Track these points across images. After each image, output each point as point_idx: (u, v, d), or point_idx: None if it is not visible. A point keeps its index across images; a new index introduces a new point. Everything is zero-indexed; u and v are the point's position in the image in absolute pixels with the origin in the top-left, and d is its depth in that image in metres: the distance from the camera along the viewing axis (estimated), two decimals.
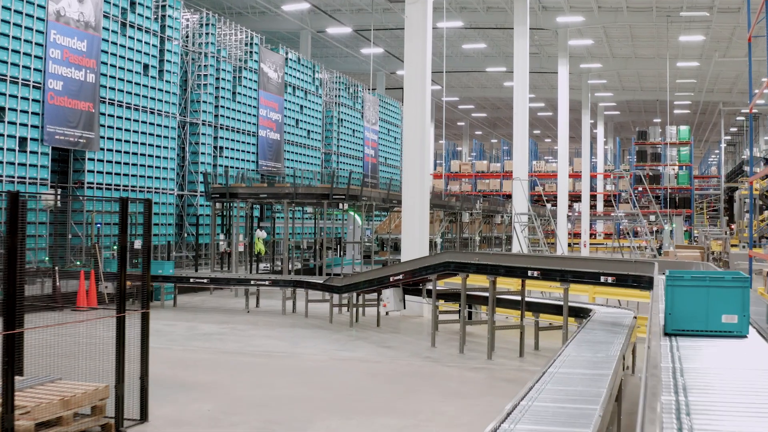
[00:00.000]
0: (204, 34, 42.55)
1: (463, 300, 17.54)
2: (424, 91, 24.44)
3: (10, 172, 30.00)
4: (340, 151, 58.65)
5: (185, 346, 18.07)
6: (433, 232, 41.55)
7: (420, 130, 24.31)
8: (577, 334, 12.49)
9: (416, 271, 18.88)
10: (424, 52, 24.56)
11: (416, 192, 24.10)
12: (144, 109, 37.26)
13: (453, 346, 17.95)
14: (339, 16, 54.60)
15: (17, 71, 30.36)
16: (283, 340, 19.26)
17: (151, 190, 37.82)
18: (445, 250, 18.91)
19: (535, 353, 17.60)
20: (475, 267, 16.93)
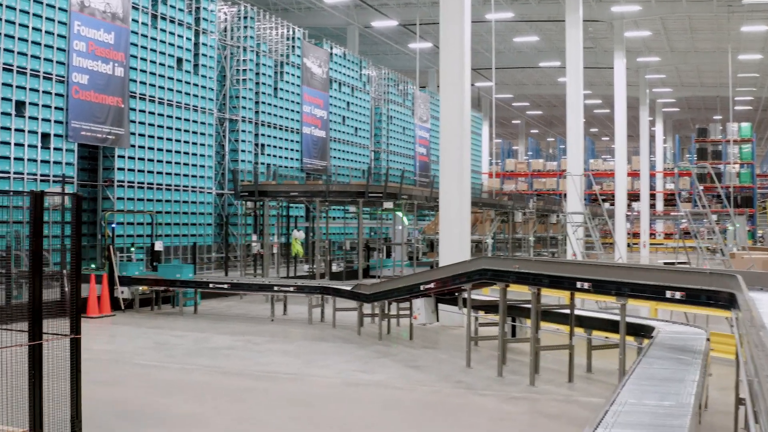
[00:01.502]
0: (243, 27, 39.96)
1: (502, 313, 14.60)
2: (463, 81, 21.46)
3: (32, 169, 27.61)
4: (390, 149, 55.78)
5: (183, 364, 15.39)
6: (484, 232, 38.51)
7: (458, 123, 21.37)
8: (636, 366, 9.49)
9: (448, 279, 15.97)
10: (462, 37, 21.57)
11: (455, 190, 21.16)
12: (178, 105, 34.76)
13: (492, 366, 15.00)
14: (386, 10, 51.70)
15: (38, 64, 27.96)
16: (297, 356, 16.48)
17: (188, 188, 35.31)
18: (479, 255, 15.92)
19: (587, 377, 14.58)
20: (515, 276, 13.98)
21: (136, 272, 23.45)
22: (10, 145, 27.02)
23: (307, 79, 44.93)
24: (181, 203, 34.88)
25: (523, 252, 42.07)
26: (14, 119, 27.17)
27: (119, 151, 31.67)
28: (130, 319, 21.81)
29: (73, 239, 9.95)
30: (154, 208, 33.23)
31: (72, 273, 9.97)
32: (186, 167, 35.24)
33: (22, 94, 27.46)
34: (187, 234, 35.28)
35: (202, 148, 36.32)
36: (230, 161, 39.05)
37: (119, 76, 31.39)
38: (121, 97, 31.53)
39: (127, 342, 18.33)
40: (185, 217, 35.15)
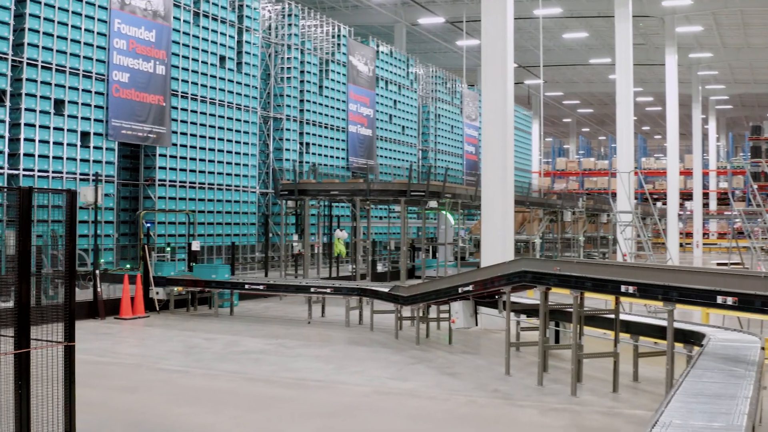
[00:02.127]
0: (287, 25, 39.28)
1: (543, 318, 13.62)
2: (505, 75, 20.46)
3: (72, 168, 27.15)
4: (437, 148, 54.81)
5: (209, 370, 14.64)
6: (532, 232, 37.43)
7: (501, 119, 20.37)
8: (683, 379, 8.49)
9: (487, 281, 15.00)
10: (504, 29, 20.57)
11: (498, 188, 20.17)
12: (221, 103, 34.16)
13: (532, 373, 14.03)
14: (433, 7, 50.73)
15: (77, 62, 27.48)
16: (329, 362, 15.65)
17: (231, 187, 34.71)
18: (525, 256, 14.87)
19: (633, 386, 13.55)
20: (556, 279, 12.99)
21: (172, 272, 22.80)
22: (49, 143, 26.57)
23: (353, 77, 44.16)
24: (224, 202, 34.29)
25: (573, 252, 40.84)
26: (53, 118, 26.72)
27: (161, 150, 31.15)
28: (163, 320, 21.16)
29: (67, 239, 9.15)
30: (196, 208, 32.67)
31: (66, 275, 9.16)
32: (229, 166, 34.63)
33: (61, 93, 27.00)
34: (230, 234, 34.67)
35: (246, 146, 35.70)
36: (274, 160, 38.41)
37: (161, 74, 30.86)
38: (162, 96, 30.99)
39: (156, 345, 17.65)
40: (228, 217, 34.55)
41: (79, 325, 19.93)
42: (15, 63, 25.59)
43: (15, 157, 25.66)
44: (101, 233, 28.26)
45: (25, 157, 25.81)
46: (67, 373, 8.97)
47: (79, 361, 15.43)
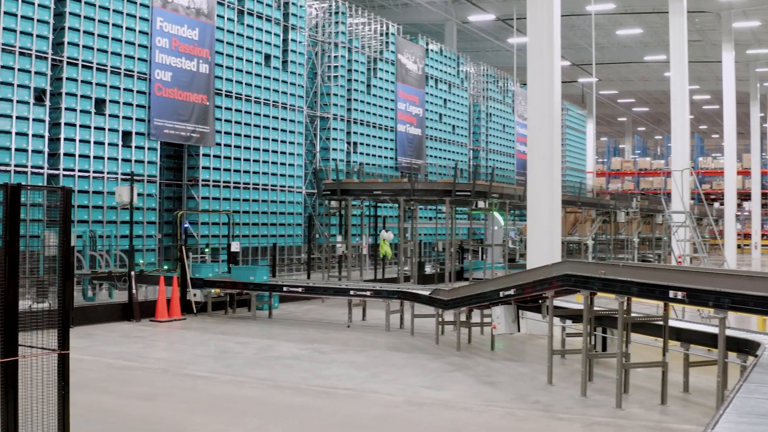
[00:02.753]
0: (333, 23, 38.66)
1: (586, 324, 12.74)
2: (552, 69, 19.54)
3: (113, 168, 26.79)
4: (489, 148, 53.84)
5: (236, 376, 13.98)
6: (584, 233, 36.37)
7: (547, 116, 19.46)
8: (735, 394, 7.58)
9: (528, 285, 14.16)
10: (551, 20, 19.67)
11: (544, 187, 19.26)
12: (266, 102, 33.63)
13: (577, 383, 13.13)
14: (484, 4, 49.77)
15: (119, 61, 27.10)
16: (364, 368, 14.91)
17: (276, 188, 34.17)
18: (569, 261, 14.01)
19: (683, 397, 12.61)
20: (600, 283, 12.12)
21: (210, 274, 22.24)
22: (90, 143, 26.22)
23: (401, 75, 43.42)
24: (269, 203, 33.74)
25: (627, 254, 39.65)
26: (94, 117, 26.36)
27: (204, 150, 30.70)
28: (199, 323, 20.60)
29: (61, 239, 8.50)
30: (240, 208, 32.17)
31: (60, 278, 8.51)
32: (274, 166, 34.09)
33: (102, 92, 26.63)
34: (275, 234, 34.15)
35: (292, 146, 35.14)
36: (321, 160, 37.82)
37: (204, 73, 30.41)
38: (206, 95, 30.53)
39: (187, 349, 17.06)
40: (273, 218, 34.02)
41: (112, 328, 19.54)
42: (55, 62, 25.27)
43: (55, 157, 25.34)
44: (142, 234, 27.94)
45: (66, 157, 25.47)
46: (61, 384, 8.31)
47: (105, 366, 14.94)
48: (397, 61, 42.81)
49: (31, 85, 24.37)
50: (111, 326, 19.60)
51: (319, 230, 35.70)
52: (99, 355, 15.80)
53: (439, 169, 45.81)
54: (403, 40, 43.57)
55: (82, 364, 14.90)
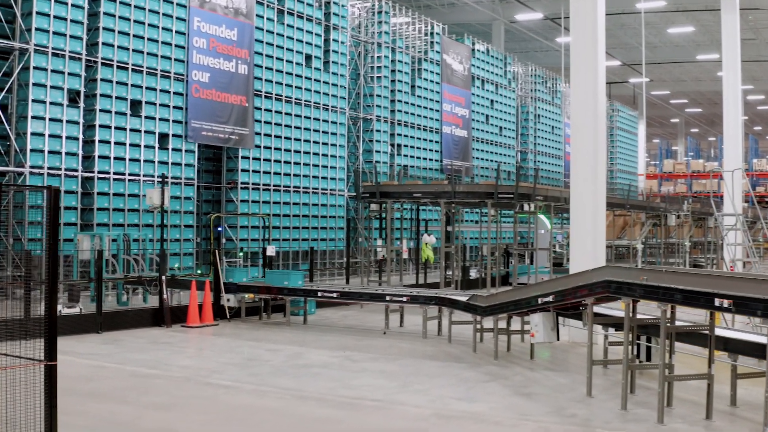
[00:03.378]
0: (377, 23, 38.07)
1: (627, 333, 11.97)
2: (596, 65, 18.67)
3: (149, 170, 26.44)
4: (537, 149, 52.88)
5: (260, 385, 13.39)
6: (634, 236, 35.35)
7: (591, 115, 18.62)
8: None
9: (567, 291, 13.39)
10: (595, 14, 18.85)
11: (588, 189, 18.43)
12: (307, 104, 33.12)
13: (618, 395, 12.33)
14: (532, 3, 48.85)
15: (155, 62, 26.74)
16: (394, 378, 14.24)
17: (318, 191, 33.65)
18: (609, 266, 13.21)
19: (730, 412, 11.73)
20: (642, 289, 11.34)
21: (244, 278, 21.70)
22: (125, 145, 25.89)
23: (447, 76, 42.70)
24: (310, 206, 33.23)
25: (678, 258, 38.49)
26: (130, 119, 26.02)
27: (243, 152, 30.27)
28: (231, 329, 20.07)
29: (48, 241, 7.94)
30: (280, 212, 31.69)
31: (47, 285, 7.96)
32: (315, 168, 33.57)
33: (138, 93, 26.28)
34: (316, 238, 33.63)
35: (333, 148, 34.59)
36: (364, 162, 37.24)
37: (243, 73, 29.98)
38: (245, 96, 30.10)
39: (214, 356, 16.52)
40: (314, 221, 33.51)
41: (141, 334, 19.09)
42: (89, 63, 24.96)
43: (89, 160, 25.01)
44: (180, 237, 27.56)
45: (100, 160, 25.14)
46: (48, 396, 7.78)
47: (127, 374, 14.46)
48: (442, 61, 42.11)
49: (65, 86, 24.08)
50: (140, 332, 19.15)
51: (362, 234, 35.12)
52: (123, 362, 15.32)
53: (485, 172, 44.98)
54: (448, 40, 42.85)
55: (104, 372, 14.45)
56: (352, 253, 34.90)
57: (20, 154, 23.26)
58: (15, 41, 23.21)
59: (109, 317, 19.19)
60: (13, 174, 23.29)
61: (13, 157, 23.35)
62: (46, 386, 7.72)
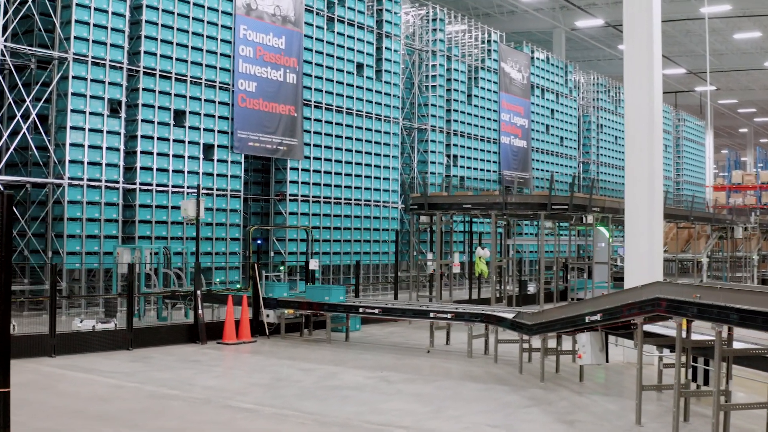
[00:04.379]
0: (431, 31, 37.09)
1: (680, 357, 10.79)
2: (651, 67, 17.45)
3: (193, 182, 25.75)
4: (599, 160, 51.34)
5: (282, 409, 12.42)
6: (698, 250, 33.77)
7: (646, 121, 17.39)
8: None
9: (615, 310, 12.23)
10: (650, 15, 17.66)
11: (643, 199, 17.20)
12: (359, 113, 32.25)
13: (670, 423, 11.15)
14: (594, 10, 47.39)
15: (199, 71, 26.09)
16: (429, 402, 13.17)
17: (370, 203, 32.74)
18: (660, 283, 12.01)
19: None
20: (694, 308, 10.19)
21: (285, 293, 20.82)
22: (169, 156, 25.25)
23: (505, 84, 41.52)
24: (362, 219, 32.32)
25: (746, 272, 36.79)
26: (173, 129, 25.40)
27: (292, 163, 29.48)
28: (269, 347, 19.15)
29: (1, 252, 7.04)
30: (331, 224, 30.82)
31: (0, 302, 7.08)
32: (368, 180, 32.66)
33: (181, 103, 25.65)
34: (369, 252, 32.71)
35: (386, 159, 33.66)
36: (419, 173, 36.25)
37: (291, 83, 29.22)
38: (293, 106, 29.33)
39: (241, 376, 15.62)
40: (366, 234, 32.59)
41: (172, 351, 18.25)
42: (131, 72, 24.38)
43: (131, 171, 24.41)
44: (225, 250, 26.83)
45: (142, 171, 24.52)
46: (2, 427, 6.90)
47: (144, 395, 13.58)
48: (500, 69, 40.95)
49: (105, 96, 23.51)
50: (173, 349, 18.34)
51: (410, 247, 34.04)
52: (144, 381, 14.49)
53: (545, 183, 43.61)
54: (506, 48, 41.69)
55: (121, 392, 13.62)
56: (406, 267, 33.90)
57: (59, 165, 22.71)
58: (54, 50, 22.73)
59: (141, 333, 18.41)
60: (51, 186, 22.79)
61: (52, 168, 22.84)
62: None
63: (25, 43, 22.97)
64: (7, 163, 23.50)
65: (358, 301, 20.77)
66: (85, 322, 18.87)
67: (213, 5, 26.39)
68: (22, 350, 16.39)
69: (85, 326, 18.58)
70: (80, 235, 22.89)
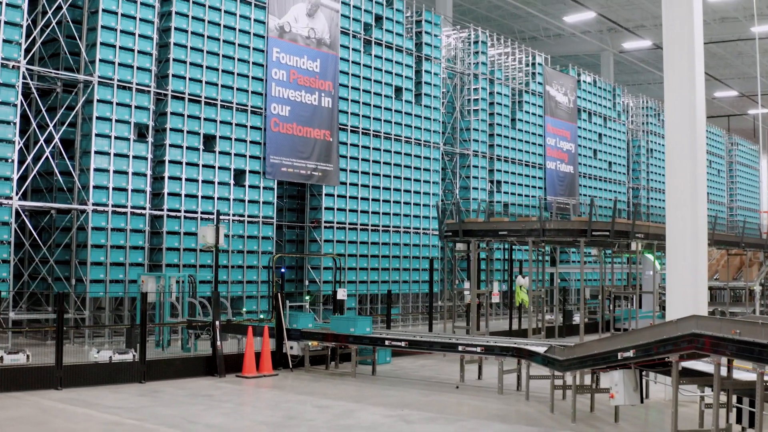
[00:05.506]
0: (473, 53, 36.03)
1: (717, 396, 9.57)
2: (693, 84, 16.26)
3: (224, 208, 24.93)
4: (650, 186, 49.69)
5: None
6: (751, 278, 32.09)
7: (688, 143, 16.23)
8: None
9: (649, 346, 11.05)
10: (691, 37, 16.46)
11: (686, 226, 15.94)
12: (397, 138, 31.24)
13: None
14: (642, 32, 46.02)
15: (230, 94, 25.33)
16: None
17: (409, 230, 31.65)
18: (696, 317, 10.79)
19: None
20: (734, 346, 8.99)
21: (310, 324, 19.80)
22: (198, 182, 24.46)
23: (550, 108, 40.29)
24: (401, 246, 31.23)
25: None
26: (203, 154, 24.62)
27: (327, 189, 28.54)
28: (290, 380, 18.11)
29: None
30: (368, 252, 29.78)
31: None
32: (407, 206, 31.59)
33: (211, 128, 24.87)
34: (408, 280, 31.61)
35: (426, 185, 32.58)
36: (460, 200, 35.08)
37: (326, 107, 28.33)
38: (329, 130, 28.44)
39: (251, 413, 14.58)
40: (405, 262, 31.49)
41: (186, 384, 17.19)
42: (159, 96, 23.68)
43: (159, 197, 23.66)
44: (257, 279, 25.93)
45: (170, 197, 23.74)
46: None
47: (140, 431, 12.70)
48: (545, 93, 39.74)
49: (132, 120, 22.81)
50: (187, 382, 17.38)
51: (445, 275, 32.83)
52: (145, 418, 13.51)
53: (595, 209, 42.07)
54: (551, 71, 40.47)
55: (116, 430, 12.71)
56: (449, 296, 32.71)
57: (83, 191, 22.00)
58: (80, 74, 22.10)
59: (155, 365, 17.50)
60: (76, 212, 22.08)
61: (77, 194, 22.14)
62: None
63: (52, 67, 22.36)
64: (33, 188, 22.93)
65: (386, 333, 19.66)
66: (102, 352, 18.03)
67: (245, 28, 25.65)
68: (28, 382, 15.64)
69: (101, 357, 17.75)
70: (105, 262, 22.11)
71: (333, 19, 28.47)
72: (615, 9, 44.50)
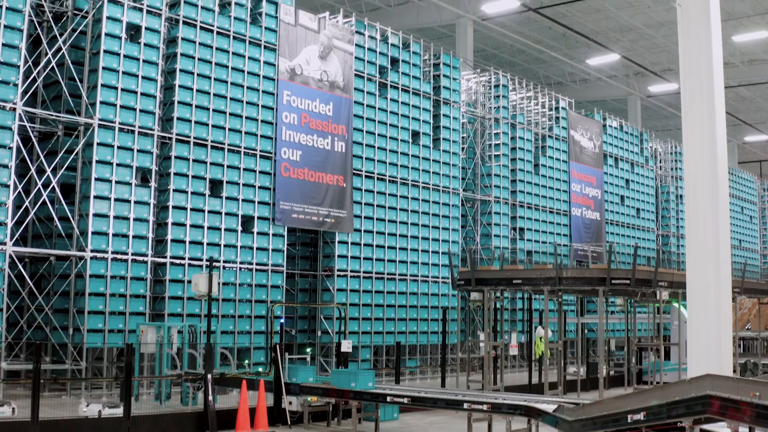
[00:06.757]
0: (494, 97, 35.07)
1: None
2: (713, 118, 15.28)
3: (231, 256, 24.02)
4: (679, 233, 48.21)
5: None
6: None
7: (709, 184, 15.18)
8: None
9: (659, 409, 9.89)
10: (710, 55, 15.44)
11: (708, 272, 14.82)
12: (414, 184, 30.22)
13: None
14: (669, 75, 44.94)
15: (238, 138, 24.50)
16: None
17: (428, 279, 30.51)
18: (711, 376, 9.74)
19: None
20: (752, 410, 7.83)
21: (310, 378, 18.71)
22: (203, 228, 23.56)
23: (575, 153, 39.15)
24: (419, 295, 30.06)
25: None
26: (208, 200, 23.75)
27: (341, 236, 27.51)
28: None
29: None
30: (384, 302, 28.64)
31: None
32: (425, 255, 30.47)
33: (218, 172, 24.03)
34: (426, 331, 30.37)
35: (445, 232, 31.47)
36: (481, 248, 33.90)
37: (340, 151, 27.43)
38: (342, 175, 27.49)
39: None
40: (423, 312, 30.27)
41: None
42: (163, 140, 22.91)
43: (162, 244, 22.78)
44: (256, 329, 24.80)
45: (173, 244, 22.85)
46: None
47: None
48: (569, 137, 38.64)
49: (134, 164, 21.99)
50: None
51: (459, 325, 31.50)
52: None
53: (621, 257, 40.77)
54: (576, 115, 39.41)
55: None
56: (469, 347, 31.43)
57: (81, 237, 21.15)
58: (80, 116, 21.38)
59: (142, 421, 16.46)
60: (74, 258, 21.22)
61: (75, 240, 21.29)
62: None
63: (53, 110, 21.67)
64: (33, 234, 22.14)
65: (389, 388, 18.48)
66: (91, 406, 17.08)
67: (254, 70, 24.92)
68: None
69: (91, 411, 16.80)
70: (104, 311, 21.18)
71: (347, 61, 27.67)
72: (640, 52, 43.52)
